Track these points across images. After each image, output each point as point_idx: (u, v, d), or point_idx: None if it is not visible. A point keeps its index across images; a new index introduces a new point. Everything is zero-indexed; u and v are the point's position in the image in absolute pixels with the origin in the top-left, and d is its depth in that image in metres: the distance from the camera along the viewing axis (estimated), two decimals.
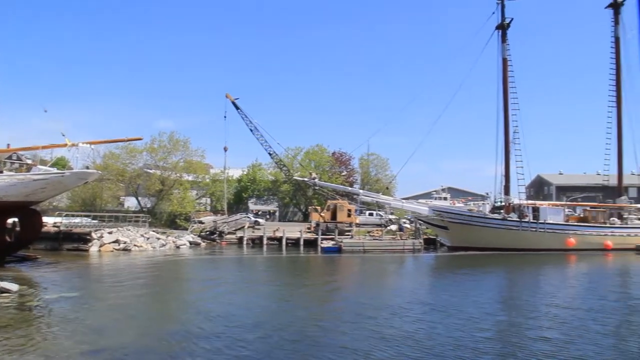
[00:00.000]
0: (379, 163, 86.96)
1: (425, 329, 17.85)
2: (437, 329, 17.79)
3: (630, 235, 54.15)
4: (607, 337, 16.78)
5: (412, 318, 19.61)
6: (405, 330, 17.43)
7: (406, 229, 59.92)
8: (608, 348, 15.38)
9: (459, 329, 17.54)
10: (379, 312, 20.74)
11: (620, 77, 59.06)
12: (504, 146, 56.64)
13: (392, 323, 18.62)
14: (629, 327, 18.54)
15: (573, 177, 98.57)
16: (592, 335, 16.82)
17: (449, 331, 17.31)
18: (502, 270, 39.66)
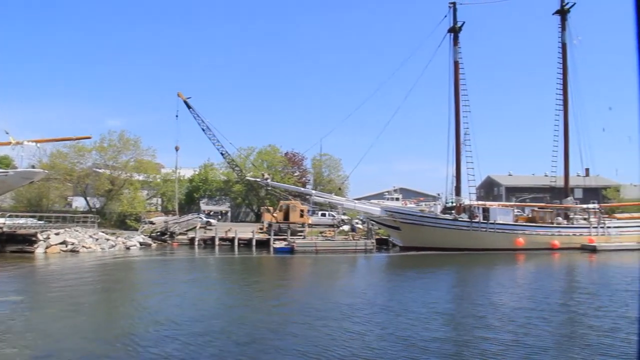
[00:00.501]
0: (332, 163, 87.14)
1: (376, 329, 17.81)
2: (388, 329, 17.76)
3: (576, 234, 55.52)
4: (553, 336, 17.03)
5: (362, 319, 19.54)
6: (355, 331, 17.33)
7: (358, 230, 60.13)
8: (553, 346, 15.60)
9: (408, 329, 17.53)
10: (329, 313, 20.60)
11: (566, 81, 60.54)
12: (455, 148, 57.48)
13: (343, 324, 18.48)
14: (571, 326, 18.83)
15: (522, 178, 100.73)
16: (538, 333, 17.02)
17: (399, 331, 17.30)
18: (453, 270, 40.04)
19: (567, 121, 59.97)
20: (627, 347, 15.20)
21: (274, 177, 67.14)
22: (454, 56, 58.44)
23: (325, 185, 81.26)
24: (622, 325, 18.15)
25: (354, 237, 55.99)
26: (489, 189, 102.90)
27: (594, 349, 15.18)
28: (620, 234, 56.17)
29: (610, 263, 43.26)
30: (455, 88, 58.16)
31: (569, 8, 60.58)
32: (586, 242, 54.26)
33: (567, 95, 60.24)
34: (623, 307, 21.60)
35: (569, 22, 60.66)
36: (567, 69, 60.54)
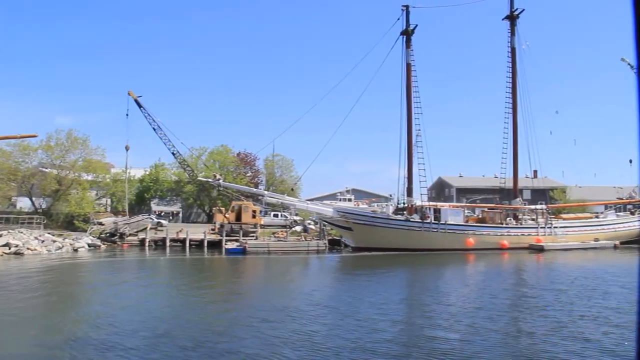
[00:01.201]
0: (284, 164, 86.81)
1: (324, 331, 17.71)
2: (336, 330, 17.66)
3: (525, 235, 56.77)
4: (498, 334, 17.17)
5: (311, 320, 19.39)
6: (303, 333, 17.19)
7: (311, 230, 60.11)
8: (499, 345, 15.70)
9: (357, 330, 17.47)
10: (278, 314, 20.41)
11: (515, 85, 61.85)
12: (407, 149, 57.91)
13: (291, 326, 18.33)
14: (517, 324, 19.08)
15: (472, 179, 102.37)
16: (485, 333, 17.18)
17: (347, 333, 17.20)
18: (404, 271, 40.34)
19: (516, 124, 61.33)
20: (571, 345, 15.50)
21: (226, 178, 66.46)
22: (406, 58, 58.93)
23: (277, 185, 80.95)
24: (566, 324, 18.53)
25: (306, 238, 55.98)
26: (440, 190, 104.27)
27: (538, 347, 15.38)
28: (566, 234, 57.81)
29: (556, 262, 44.33)
30: (407, 90, 58.65)
31: (518, 14, 62.15)
32: (534, 242, 55.56)
33: (516, 99, 61.66)
34: (567, 306, 22.05)
35: (518, 28, 62.23)
36: (516, 72, 61.95)
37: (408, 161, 57.74)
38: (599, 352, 14.85)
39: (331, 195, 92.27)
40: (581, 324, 18.51)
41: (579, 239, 58.02)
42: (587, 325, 18.30)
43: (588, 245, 56.92)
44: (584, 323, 18.69)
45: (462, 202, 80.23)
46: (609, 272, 35.87)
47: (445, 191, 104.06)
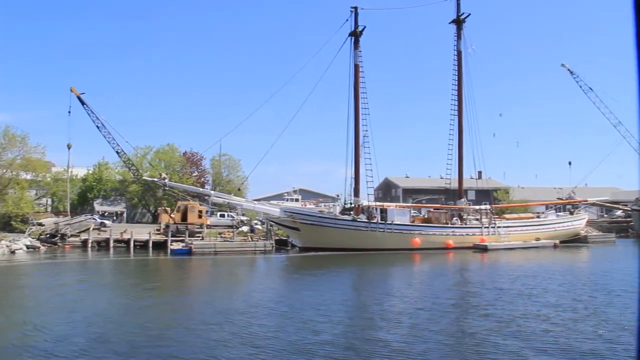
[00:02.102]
0: (231, 164, 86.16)
1: (264, 333, 17.52)
2: (277, 332, 17.52)
3: (469, 234, 57.82)
4: (439, 334, 17.27)
5: (253, 322, 19.19)
6: (243, 335, 16.99)
7: (258, 231, 59.85)
8: (440, 346, 15.79)
9: (298, 332, 17.36)
10: (220, 316, 20.12)
11: (461, 87, 62.90)
12: (354, 149, 58.12)
13: (232, 328, 18.08)
14: (458, 325, 19.24)
15: (418, 180, 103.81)
16: (427, 334, 17.26)
17: (288, 334, 17.10)
18: (350, 271, 40.36)
19: (461, 125, 62.35)
20: (512, 344, 15.72)
21: (171, 177, 65.55)
22: (354, 59, 59.19)
23: (224, 185, 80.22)
24: (507, 323, 18.79)
25: (252, 238, 55.68)
26: (387, 190, 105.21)
27: (480, 348, 15.53)
28: (509, 233, 59.13)
29: (499, 261, 45.17)
30: (355, 90, 58.93)
31: (464, 18, 63.28)
32: (478, 241, 56.61)
33: (462, 101, 62.63)
34: (508, 305, 22.41)
35: (464, 32, 63.36)
36: (461, 75, 62.97)
37: (355, 162, 58.06)
38: (539, 350, 15.10)
39: (278, 195, 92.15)
40: (521, 323, 18.82)
41: (521, 238, 59.58)
42: (528, 324, 18.62)
43: (529, 244, 58.46)
44: (524, 322, 19.00)
45: (408, 202, 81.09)
46: (549, 271, 36.86)
47: (392, 191, 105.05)
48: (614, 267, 39.48)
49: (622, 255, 52.63)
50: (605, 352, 14.90)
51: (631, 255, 53.63)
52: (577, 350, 15.11)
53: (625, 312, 20.82)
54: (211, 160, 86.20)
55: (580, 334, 17.08)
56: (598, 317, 19.79)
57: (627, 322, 18.72)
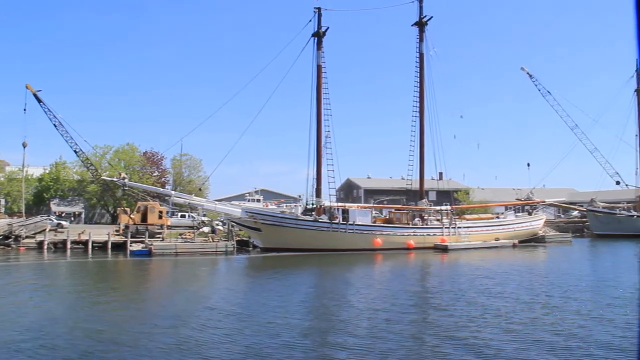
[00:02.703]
0: (193, 164, 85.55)
1: (220, 336, 17.11)
2: (233, 336, 17.15)
3: (430, 235, 58.26)
4: (397, 335, 17.19)
5: (209, 325, 18.78)
6: (198, 339, 16.58)
7: (219, 231, 59.38)
8: (397, 348, 15.69)
9: (256, 336, 17.05)
10: (176, 320, 19.66)
11: (423, 89, 63.45)
12: (316, 150, 58.12)
13: (187, 332, 17.65)
14: (417, 326, 19.17)
15: (380, 181, 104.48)
16: (386, 336, 17.19)
17: (244, 338, 16.78)
18: (311, 272, 40.32)
19: (422, 127, 62.92)
20: (472, 345, 15.79)
21: (131, 177, 64.78)
22: (317, 60, 59.18)
23: (185, 185, 79.59)
24: (465, 324, 18.87)
25: (213, 239, 55.18)
26: (349, 191, 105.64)
27: (437, 350, 15.49)
28: (469, 234, 59.86)
29: (459, 262, 45.67)
30: (317, 91, 58.87)
31: (426, 21, 63.86)
32: (439, 242, 57.18)
33: (423, 103, 63.25)
34: (467, 306, 22.54)
35: (426, 34, 63.97)
36: (423, 77, 63.59)
37: (317, 162, 58.01)
38: (495, 350, 15.17)
39: (240, 195, 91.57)
40: (481, 322, 18.95)
41: (481, 238, 60.40)
42: (487, 323, 18.76)
43: (489, 244, 59.35)
44: (483, 321, 19.14)
45: (370, 203, 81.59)
46: (508, 270, 37.35)
47: (354, 192, 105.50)
48: (570, 267, 40.29)
49: (578, 255, 53.77)
50: (562, 351, 15.05)
51: (587, 255, 54.93)
52: (535, 349, 15.25)
53: (581, 310, 21.22)
54: (172, 160, 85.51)
55: (538, 333, 17.25)
56: (555, 316, 20.05)
57: (583, 320, 19.04)
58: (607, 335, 16.94)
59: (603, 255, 53.12)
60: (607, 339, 16.32)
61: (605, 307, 21.97)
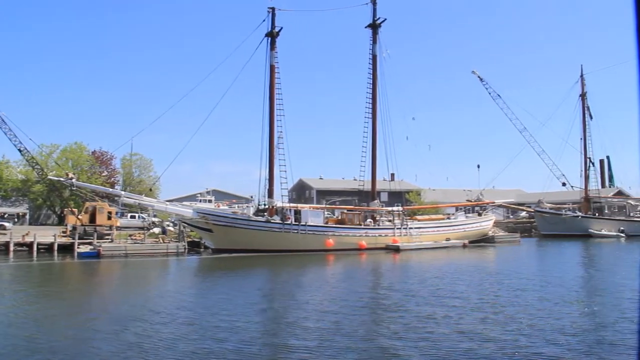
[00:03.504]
0: (143, 163, 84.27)
1: (164, 342, 16.48)
2: (176, 341, 16.54)
3: (382, 235, 58.61)
4: (345, 338, 16.98)
5: (152, 330, 18.15)
6: (139, 345, 15.96)
7: (170, 232, 58.51)
8: (346, 350, 15.49)
9: (197, 341, 16.52)
10: (119, 325, 18.88)
11: (376, 91, 63.77)
12: (269, 150, 57.89)
13: (129, 337, 16.92)
14: (367, 327, 19.06)
15: (332, 181, 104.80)
16: (335, 338, 16.98)
17: (189, 343, 16.18)
18: (262, 273, 39.93)
19: (375, 128, 63.22)
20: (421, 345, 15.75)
21: (79, 177, 63.24)
22: (270, 60, 58.98)
23: (135, 186, 78.28)
24: (415, 324, 18.81)
25: (164, 240, 54.33)
26: (301, 191, 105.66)
27: (389, 351, 15.43)
28: (420, 234, 60.41)
29: (411, 262, 46.02)
30: (270, 91, 58.71)
31: (380, 23, 64.26)
32: (390, 242, 57.58)
33: (376, 104, 63.57)
34: (417, 307, 22.50)
35: (379, 36, 64.34)
36: (376, 79, 63.91)
37: (269, 163, 57.84)
38: (446, 351, 15.18)
39: (191, 196, 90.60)
40: (431, 323, 18.92)
41: (432, 239, 61.06)
42: (436, 325, 18.73)
43: (440, 244, 60.08)
44: (433, 323, 19.10)
45: (322, 203, 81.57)
46: (458, 270, 37.80)
47: (306, 193, 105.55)
48: (519, 266, 41.00)
49: (526, 254, 54.83)
50: (511, 349, 15.18)
51: (534, 254, 56.09)
52: (485, 348, 15.34)
53: (529, 308, 21.54)
54: (122, 160, 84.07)
55: (488, 332, 17.37)
56: (504, 315, 20.26)
57: (529, 320, 19.27)
58: (555, 332, 17.19)
59: (550, 255, 54.36)
60: (554, 337, 16.56)
61: (554, 305, 22.37)
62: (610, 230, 77.80)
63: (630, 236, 75.38)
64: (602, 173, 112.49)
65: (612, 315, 20.02)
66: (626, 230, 77.64)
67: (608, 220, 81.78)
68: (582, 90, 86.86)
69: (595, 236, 75.38)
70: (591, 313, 21.08)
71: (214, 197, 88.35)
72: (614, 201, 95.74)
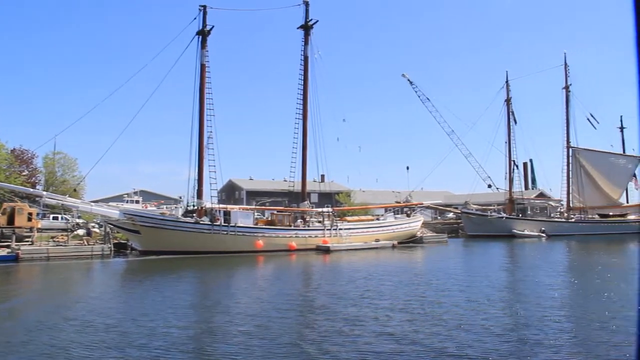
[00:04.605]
0: (67, 163, 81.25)
1: (77, 352, 15.57)
2: (92, 351, 15.70)
3: (312, 236, 58.73)
4: (270, 342, 16.73)
5: (64, 339, 17.15)
6: (49, 355, 15.16)
7: (95, 234, 56.77)
8: (274, 355, 15.33)
9: (115, 349, 15.80)
10: (29, 334, 17.82)
11: (307, 92, 63.75)
12: (198, 150, 57.03)
13: (38, 348, 15.91)
14: (294, 330, 18.90)
15: (262, 182, 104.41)
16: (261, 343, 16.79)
17: (103, 352, 15.50)
18: (189, 275, 39.19)
19: (305, 130, 63.19)
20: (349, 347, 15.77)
21: None
22: (201, 59, 58.06)
23: (58, 186, 75.44)
24: (341, 327, 18.73)
25: (89, 242, 52.65)
26: (231, 192, 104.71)
27: (310, 355, 15.33)
28: (350, 235, 60.86)
29: (341, 262, 46.19)
30: (200, 91, 57.79)
31: (312, 24, 64.32)
32: (321, 243, 57.79)
33: (307, 105, 63.55)
34: (344, 308, 22.51)
35: (311, 37, 64.39)
36: (307, 80, 63.95)
37: (199, 163, 56.92)
38: (373, 355, 15.16)
39: (118, 197, 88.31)
40: (359, 324, 18.95)
41: (362, 239, 61.60)
42: (363, 326, 18.74)
43: (370, 245, 60.70)
44: (361, 324, 19.10)
45: (252, 204, 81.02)
46: (387, 271, 38.21)
47: (236, 194, 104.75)
48: (446, 266, 41.77)
49: (453, 254, 56.05)
50: (438, 351, 15.32)
51: (461, 254, 57.37)
52: (412, 350, 15.44)
53: (454, 310, 21.79)
54: (44, 159, 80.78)
55: (416, 333, 17.54)
56: (432, 316, 20.49)
57: (457, 320, 19.53)
58: (482, 332, 17.49)
59: (476, 255, 55.83)
60: (481, 337, 16.82)
61: (480, 305, 22.81)
62: (533, 230, 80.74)
63: (550, 236, 78.55)
64: (525, 175, 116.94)
65: (537, 315, 20.56)
66: (547, 230, 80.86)
67: (530, 221, 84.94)
68: (507, 96, 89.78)
69: (519, 236, 78.08)
70: (516, 312, 21.56)
71: (142, 198, 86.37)
72: (536, 202, 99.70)
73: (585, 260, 48.94)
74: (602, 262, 44.12)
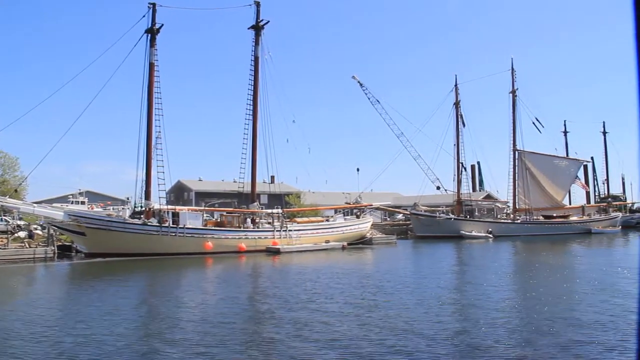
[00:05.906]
0: (8, 162, 78.87)
1: None
2: None
3: (262, 238, 58.43)
4: (216, 348, 16.61)
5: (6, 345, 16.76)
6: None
7: (37, 236, 55.21)
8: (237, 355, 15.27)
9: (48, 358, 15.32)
10: None
11: (257, 93, 63.38)
12: (146, 151, 56.09)
13: None
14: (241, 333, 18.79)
15: (211, 183, 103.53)
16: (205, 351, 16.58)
17: None
18: (137, 277, 38.68)
19: (255, 130, 62.86)
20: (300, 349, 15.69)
21: None
22: (150, 57, 57.08)
23: None
24: (290, 331, 18.66)
25: (31, 245, 51.17)
26: (179, 193, 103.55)
27: None
28: (300, 236, 60.79)
29: (290, 264, 46.08)
30: (149, 90, 56.82)
31: (263, 25, 63.96)
32: (271, 244, 57.53)
33: (257, 106, 63.19)
34: (292, 312, 22.42)
35: (262, 38, 64.05)
36: (257, 81, 63.61)
37: (147, 163, 56.00)
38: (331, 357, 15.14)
39: (63, 197, 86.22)
40: (306, 330, 18.87)
41: (311, 241, 61.57)
42: (308, 332, 18.63)
43: (320, 246, 60.71)
44: (307, 329, 19.05)
45: (201, 205, 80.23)
46: (337, 272, 38.21)
47: (185, 194, 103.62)
48: (395, 268, 42.11)
49: (402, 255, 56.64)
50: (385, 351, 15.36)
51: (410, 255, 57.97)
52: (363, 351, 15.45)
53: (404, 312, 21.97)
54: None
55: (365, 334, 17.60)
56: (381, 318, 20.57)
57: (406, 322, 19.68)
58: (432, 334, 17.66)
59: (425, 256, 56.52)
60: (432, 340, 16.93)
61: (429, 306, 23.05)
62: (480, 231, 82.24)
63: (497, 236, 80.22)
64: (473, 177, 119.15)
65: (485, 317, 20.86)
66: (494, 231, 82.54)
67: (478, 222, 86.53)
68: (456, 99, 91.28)
69: (466, 237, 79.38)
70: (465, 313, 21.84)
71: (88, 199, 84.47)
72: (483, 204, 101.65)
73: (529, 260, 50.06)
74: (545, 261, 45.35)
